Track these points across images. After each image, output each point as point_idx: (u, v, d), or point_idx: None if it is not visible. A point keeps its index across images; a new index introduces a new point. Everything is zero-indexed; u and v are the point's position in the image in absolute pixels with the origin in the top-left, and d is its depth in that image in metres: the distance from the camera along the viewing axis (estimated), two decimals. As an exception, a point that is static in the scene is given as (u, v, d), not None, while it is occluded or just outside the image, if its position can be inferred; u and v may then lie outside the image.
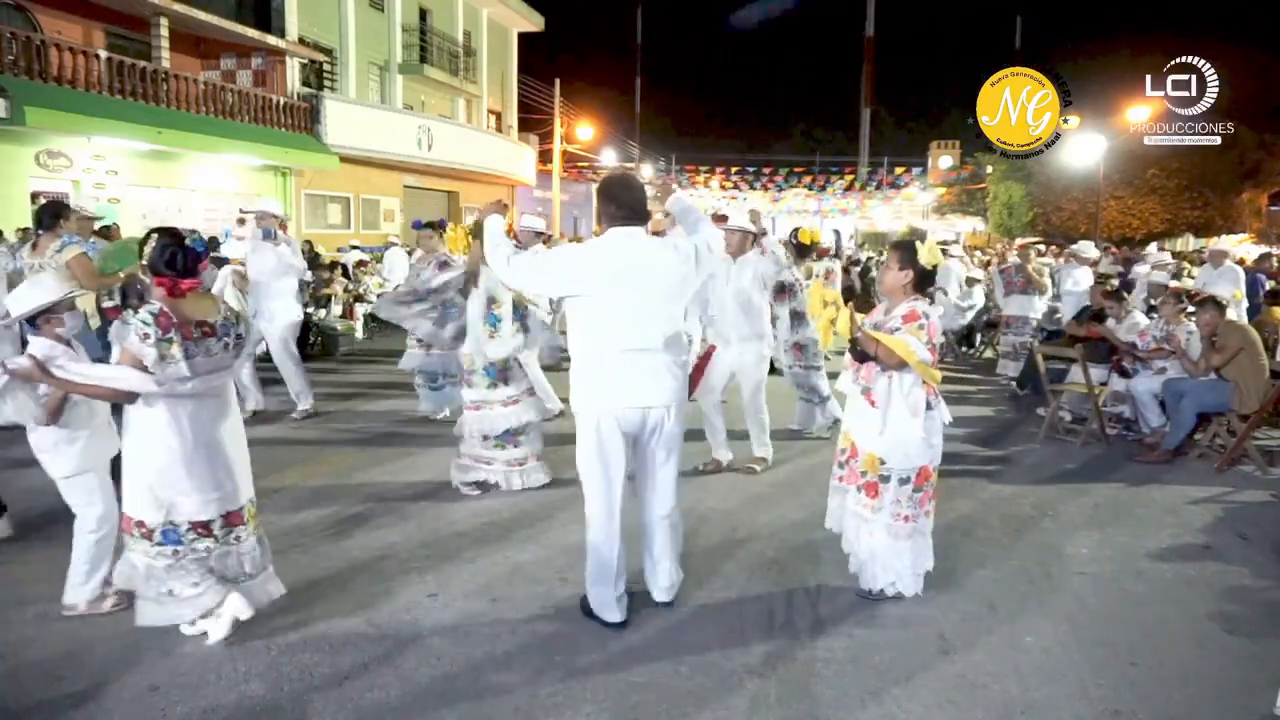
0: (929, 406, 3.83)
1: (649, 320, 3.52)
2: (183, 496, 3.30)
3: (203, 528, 3.35)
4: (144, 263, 3.35)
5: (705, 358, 6.02)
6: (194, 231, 3.58)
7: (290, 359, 7.59)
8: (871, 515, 3.87)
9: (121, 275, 7.19)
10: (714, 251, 3.70)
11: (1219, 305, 6.80)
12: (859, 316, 4.06)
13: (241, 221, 9.99)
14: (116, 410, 3.54)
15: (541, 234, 8.60)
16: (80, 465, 3.58)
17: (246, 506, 3.51)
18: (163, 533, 3.31)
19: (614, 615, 3.64)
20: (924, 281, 3.90)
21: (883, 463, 3.83)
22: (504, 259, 3.70)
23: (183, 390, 3.24)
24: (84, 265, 6.21)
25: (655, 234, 4.32)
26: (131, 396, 3.24)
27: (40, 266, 6.24)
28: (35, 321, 3.49)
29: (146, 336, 3.16)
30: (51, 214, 6.52)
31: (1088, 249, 11.37)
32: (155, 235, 3.35)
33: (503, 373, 5.45)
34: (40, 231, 6.52)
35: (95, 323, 6.73)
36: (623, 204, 3.59)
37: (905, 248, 3.95)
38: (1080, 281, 10.24)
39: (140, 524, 3.32)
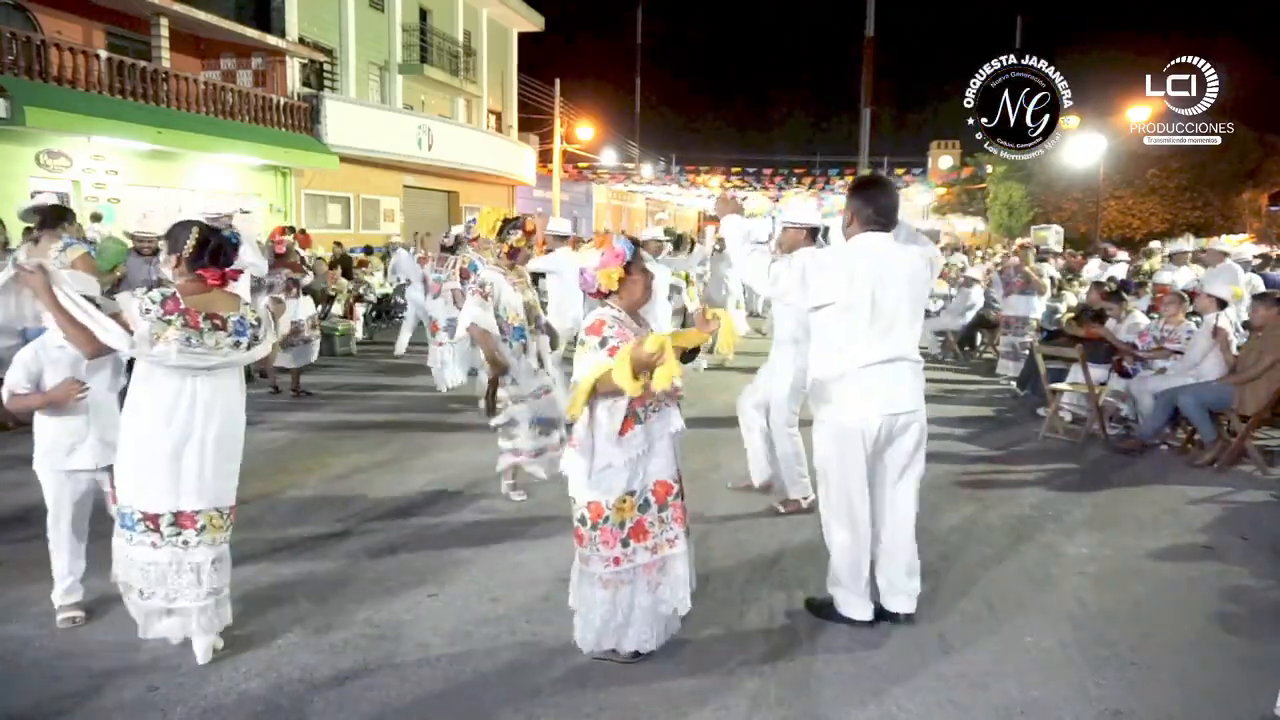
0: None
1: (903, 328, 3.52)
2: (147, 481, 3.20)
3: (151, 521, 3.20)
4: (183, 254, 3.23)
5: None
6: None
7: None
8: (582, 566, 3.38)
9: (117, 273, 7.34)
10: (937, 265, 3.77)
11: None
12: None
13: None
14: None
15: (566, 237, 8.60)
16: (39, 456, 3.58)
17: (208, 514, 3.26)
18: (121, 514, 3.26)
19: (864, 613, 3.65)
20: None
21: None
22: (762, 270, 3.60)
23: (164, 363, 3.16)
24: (89, 266, 6.27)
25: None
26: (103, 350, 3.22)
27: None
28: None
29: (147, 312, 3.12)
30: (57, 215, 6.57)
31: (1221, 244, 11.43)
32: (195, 228, 3.28)
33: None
34: (42, 231, 6.55)
35: None
36: (878, 208, 3.57)
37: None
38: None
39: (117, 500, 3.32)
